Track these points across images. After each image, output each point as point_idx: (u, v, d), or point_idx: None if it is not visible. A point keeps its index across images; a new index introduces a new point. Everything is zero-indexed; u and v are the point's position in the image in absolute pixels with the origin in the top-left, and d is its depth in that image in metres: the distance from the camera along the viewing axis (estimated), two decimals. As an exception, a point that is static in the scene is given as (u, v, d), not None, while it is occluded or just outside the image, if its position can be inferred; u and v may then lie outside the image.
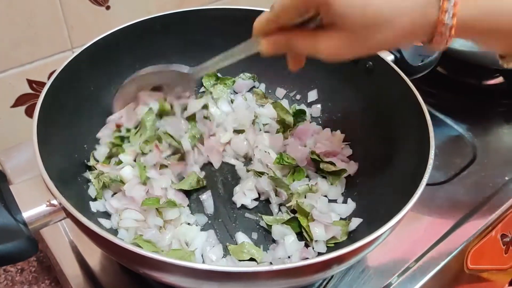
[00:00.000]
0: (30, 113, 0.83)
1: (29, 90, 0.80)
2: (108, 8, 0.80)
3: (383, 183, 0.63)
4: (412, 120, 0.60)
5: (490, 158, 0.81)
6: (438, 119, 0.87)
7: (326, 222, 0.60)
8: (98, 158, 0.66)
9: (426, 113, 0.58)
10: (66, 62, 0.62)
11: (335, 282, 0.62)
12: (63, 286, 0.70)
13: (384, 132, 0.67)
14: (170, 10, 0.73)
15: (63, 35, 0.78)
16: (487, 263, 0.76)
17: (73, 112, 0.63)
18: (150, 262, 0.43)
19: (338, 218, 0.64)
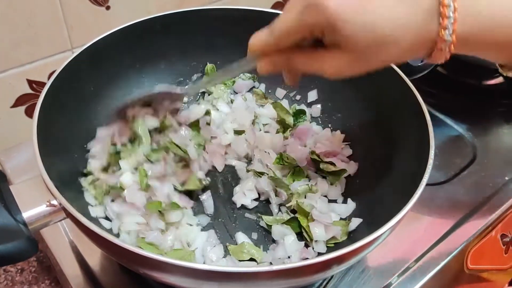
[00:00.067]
0: (30, 113, 0.83)
1: (29, 90, 0.80)
2: (108, 8, 0.80)
3: (383, 183, 0.63)
4: (412, 120, 0.60)
5: (490, 158, 0.80)
6: (438, 119, 0.87)
7: (326, 222, 0.60)
8: (93, 171, 0.63)
9: (426, 113, 0.58)
10: (66, 62, 0.62)
11: (335, 282, 0.62)
12: (63, 286, 0.70)
13: (384, 132, 0.67)
14: (170, 10, 0.73)
15: (63, 35, 0.78)
16: (487, 263, 0.75)
17: (73, 112, 0.63)
18: (150, 262, 0.43)
19: (338, 218, 0.64)
